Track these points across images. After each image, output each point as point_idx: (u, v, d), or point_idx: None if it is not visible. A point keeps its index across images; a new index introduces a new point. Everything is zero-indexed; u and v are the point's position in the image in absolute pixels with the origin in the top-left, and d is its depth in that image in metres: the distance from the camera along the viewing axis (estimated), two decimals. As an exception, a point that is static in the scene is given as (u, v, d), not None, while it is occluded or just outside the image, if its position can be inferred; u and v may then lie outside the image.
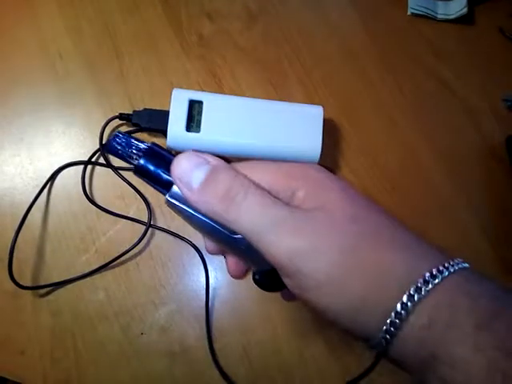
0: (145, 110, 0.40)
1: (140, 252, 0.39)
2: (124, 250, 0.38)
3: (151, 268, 0.39)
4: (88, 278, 0.38)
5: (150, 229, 0.39)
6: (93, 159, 0.41)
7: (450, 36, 0.46)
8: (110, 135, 0.41)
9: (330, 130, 0.42)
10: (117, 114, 0.40)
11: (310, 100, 0.43)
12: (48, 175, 0.40)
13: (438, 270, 0.19)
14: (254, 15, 0.46)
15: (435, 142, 0.43)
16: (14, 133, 0.41)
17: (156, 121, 0.40)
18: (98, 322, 0.38)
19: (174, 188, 0.25)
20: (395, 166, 0.43)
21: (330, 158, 0.42)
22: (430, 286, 0.19)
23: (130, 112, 0.40)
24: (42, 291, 0.38)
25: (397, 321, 0.19)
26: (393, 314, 0.19)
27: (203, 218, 0.24)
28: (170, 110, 0.39)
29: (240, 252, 0.25)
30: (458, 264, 0.20)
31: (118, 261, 0.38)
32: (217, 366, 0.37)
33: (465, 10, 0.45)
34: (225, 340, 0.38)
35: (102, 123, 0.40)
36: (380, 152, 0.43)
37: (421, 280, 0.19)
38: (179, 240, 0.39)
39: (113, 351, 0.37)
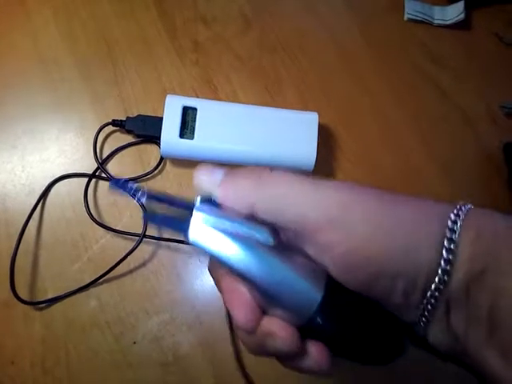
0: (138, 116, 0.40)
1: (133, 260, 0.39)
2: (117, 261, 0.37)
3: (144, 276, 0.38)
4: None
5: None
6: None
7: (446, 41, 0.46)
8: (103, 142, 0.41)
9: (326, 136, 0.42)
10: (110, 120, 0.40)
11: (305, 106, 0.43)
12: (40, 182, 0.39)
13: (460, 207, 0.20)
14: (249, 20, 0.45)
15: (432, 148, 0.43)
16: (7, 139, 0.41)
17: (149, 127, 0.40)
18: (90, 330, 0.37)
19: (192, 221, 0.22)
20: (392, 172, 0.42)
21: (325, 165, 0.42)
22: (462, 214, 0.20)
23: (124, 118, 0.40)
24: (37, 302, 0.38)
25: (451, 246, 0.19)
26: (445, 241, 0.19)
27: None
28: (164, 117, 0.38)
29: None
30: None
31: (112, 270, 0.38)
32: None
33: (462, 15, 0.45)
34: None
35: (96, 129, 0.40)
36: (376, 158, 0.42)
37: (454, 210, 0.20)
38: (173, 248, 0.39)
39: (105, 360, 0.37)
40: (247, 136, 0.39)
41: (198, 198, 0.22)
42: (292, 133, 0.39)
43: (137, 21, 0.45)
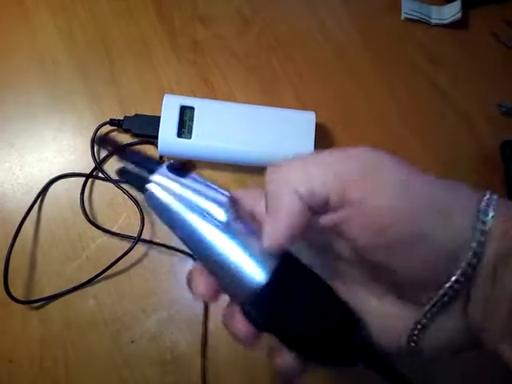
0: (136, 115, 0.40)
1: (131, 259, 0.39)
2: (114, 259, 0.38)
3: (142, 275, 0.39)
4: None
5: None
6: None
7: (443, 40, 0.46)
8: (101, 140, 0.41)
9: (323, 136, 0.42)
10: (108, 119, 0.40)
11: (303, 105, 0.43)
12: (38, 181, 0.40)
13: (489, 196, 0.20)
14: (247, 20, 0.46)
15: (430, 147, 0.43)
16: (5, 138, 0.41)
17: (147, 126, 0.40)
18: (87, 329, 0.37)
19: (154, 179, 0.22)
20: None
21: (322, 164, 0.42)
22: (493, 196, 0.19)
23: (121, 117, 0.40)
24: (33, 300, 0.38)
25: (485, 219, 0.19)
26: (480, 214, 0.19)
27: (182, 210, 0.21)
28: (162, 116, 0.38)
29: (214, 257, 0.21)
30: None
31: (109, 269, 0.38)
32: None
33: (459, 14, 0.45)
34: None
35: (94, 128, 0.40)
36: (373, 157, 0.42)
37: (485, 197, 0.19)
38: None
39: (102, 359, 0.37)
40: (245, 135, 0.39)
41: (168, 162, 0.22)
42: (289, 132, 0.39)
43: (135, 20, 0.45)
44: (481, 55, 0.46)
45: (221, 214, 0.21)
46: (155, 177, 0.22)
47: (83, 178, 0.40)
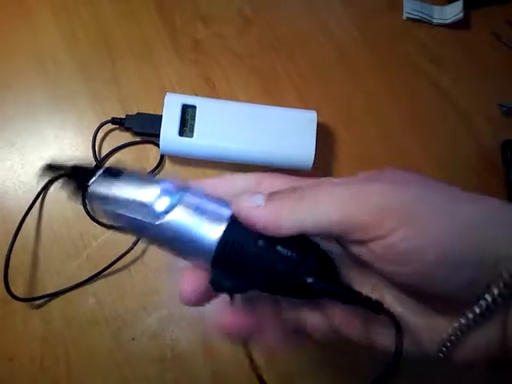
0: (138, 114, 0.40)
1: (132, 257, 0.39)
2: (115, 258, 0.38)
3: (143, 273, 0.39)
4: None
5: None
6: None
7: (445, 40, 0.46)
8: (102, 140, 0.41)
9: (325, 135, 0.42)
10: (109, 118, 0.40)
11: (304, 105, 0.43)
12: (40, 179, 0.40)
13: None
14: (249, 20, 0.46)
15: (430, 147, 0.43)
16: (6, 137, 0.41)
17: (149, 125, 0.40)
18: (88, 328, 0.37)
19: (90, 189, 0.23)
20: (390, 171, 0.42)
21: (323, 163, 0.42)
22: None
23: (123, 116, 0.40)
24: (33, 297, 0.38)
25: None
26: None
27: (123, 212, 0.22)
28: (163, 115, 0.39)
29: (168, 243, 0.22)
30: None
31: (111, 267, 0.38)
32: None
33: (461, 14, 0.45)
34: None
35: (95, 127, 0.40)
36: (374, 157, 0.43)
37: None
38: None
39: (103, 357, 0.37)
40: (246, 134, 0.39)
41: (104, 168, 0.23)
42: (291, 131, 0.39)
43: (137, 21, 0.45)
44: (482, 55, 0.46)
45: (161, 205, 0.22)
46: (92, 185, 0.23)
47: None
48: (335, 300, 0.22)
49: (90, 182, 0.23)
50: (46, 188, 0.40)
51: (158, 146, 0.40)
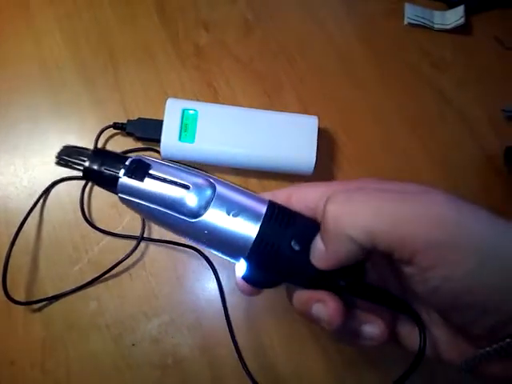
0: (139, 119, 0.40)
1: (133, 262, 0.39)
2: (116, 262, 0.38)
3: (144, 278, 0.39)
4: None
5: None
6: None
7: (446, 46, 0.46)
8: (104, 145, 0.41)
9: (326, 140, 0.42)
10: (111, 123, 0.40)
11: (305, 110, 0.43)
12: (42, 184, 0.40)
13: None
14: (250, 25, 0.46)
15: (433, 152, 0.43)
16: (9, 141, 0.41)
17: (150, 130, 0.40)
18: (89, 332, 0.37)
19: (121, 181, 0.22)
20: (392, 176, 0.42)
21: (325, 168, 0.42)
22: None
23: (125, 121, 0.40)
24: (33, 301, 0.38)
25: None
26: None
27: (158, 208, 0.22)
28: (164, 120, 0.39)
29: (202, 239, 0.22)
30: None
31: (111, 271, 0.38)
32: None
33: (462, 19, 0.45)
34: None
35: (97, 132, 0.40)
36: (376, 162, 0.42)
37: None
38: (172, 250, 0.39)
39: (104, 362, 0.37)
40: (247, 139, 0.39)
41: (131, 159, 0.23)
42: (292, 136, 0.39)
43: (139, 26, 0.45)
44: (484, 60, 0.46)
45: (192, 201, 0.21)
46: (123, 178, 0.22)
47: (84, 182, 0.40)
48: (365, 300, 0.23)
49: (121, 173, 0.22)
50: (47, 192, 0.40)
51: (158, 152, 0.40)
